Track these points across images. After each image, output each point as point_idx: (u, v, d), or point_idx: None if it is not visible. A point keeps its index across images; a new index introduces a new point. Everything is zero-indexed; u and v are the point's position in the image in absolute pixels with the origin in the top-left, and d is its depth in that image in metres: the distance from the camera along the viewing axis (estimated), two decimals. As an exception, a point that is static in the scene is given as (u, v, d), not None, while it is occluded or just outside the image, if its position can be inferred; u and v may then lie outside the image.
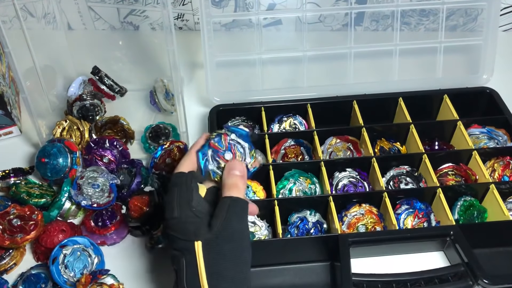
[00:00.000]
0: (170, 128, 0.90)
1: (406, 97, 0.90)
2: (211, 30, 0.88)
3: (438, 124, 0.89)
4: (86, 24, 1.12)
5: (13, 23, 0.81)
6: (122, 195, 0.80)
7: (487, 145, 0.85)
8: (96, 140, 0.84)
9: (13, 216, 0.75)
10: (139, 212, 0.75)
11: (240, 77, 0.97)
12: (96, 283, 0.69)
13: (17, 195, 0.79)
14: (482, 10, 0.97)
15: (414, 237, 0.72)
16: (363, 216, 0.76)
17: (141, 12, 1.11)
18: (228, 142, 0.65)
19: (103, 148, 0.83)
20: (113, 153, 0.84)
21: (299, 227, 0.76)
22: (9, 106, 0.91)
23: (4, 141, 0.94)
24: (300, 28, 1.01)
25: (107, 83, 0.97)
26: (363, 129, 0.85)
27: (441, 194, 0.76)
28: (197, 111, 0.97)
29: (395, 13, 0.92)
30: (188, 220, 0.58)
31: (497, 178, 0.81)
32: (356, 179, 0.81)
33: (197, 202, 0.59)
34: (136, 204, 0.76)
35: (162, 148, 0.84)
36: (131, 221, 0.76)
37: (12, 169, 0.85)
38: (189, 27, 1.15)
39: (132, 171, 0.81)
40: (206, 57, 0.90)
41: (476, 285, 0.67)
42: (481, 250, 0.72)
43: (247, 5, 1.07)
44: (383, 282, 0.69)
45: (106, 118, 0.91)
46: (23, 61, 0.80)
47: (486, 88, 0.92)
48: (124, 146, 0.86)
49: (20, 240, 0.73)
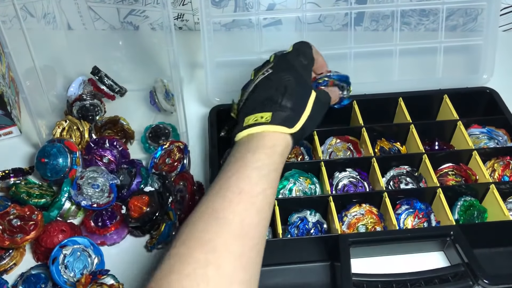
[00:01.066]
0: (170, 128, 0.90)
1: (406, 97, 0.90)
2: (211, 30, 0.88)
3: (438, 124, 0.89)
4: (86, 24, 1.12)
5: (13, 23, 0.81)
6: (122, 195, 0.79)
7: (487, 145, 0.85)
8: (96, 140, 0.84)
9: (13, 216, 0.75)
10: (139, 212, 0.75)
11: (240, 78, 0.97)
12: (96, 283, 0.69)
13: (17, 195, 0.79)
14: (482, 10, 0.96)
15: (414, 237, 0.72)
16: (363, 216, 0.76)
17: (141, 12, 1.11)
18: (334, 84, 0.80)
19: (103, 148, 0.83)
20: (113, 153, 0.84)
21: (299, 227, 0.76)
22: (9, 106, 0.91)
23: (4, 141, 0.94)
24: (300, 28, 1.01)
25: (107, 83, 0.97)
26: (363, 129, 0.85)
27: (441, 194, 0.76)
28: (197, 111, 0.97)
29: (395, 13, 0.92)
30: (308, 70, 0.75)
31: (497, 178, 0.81)
32: (356, 179, 0.81)
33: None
34: (136, 204, 0.76)
35: (162, 148, 0.84)
36: (131, 221, 0.76)
37: (12, 169, 0.85)
38: (189, 27, 1.15)
39: (132, 171, 0.81)
40: (206, 57, 0.90)
41: (476, 285, 0.67)
42: (481, 250, 0.72)
43: (247, 5, 1.07)
44: (383, 282, 0.69)
45: (106, 118, 0.91)
46: (23, 61, 0.80)
47: (486, 88, 0.92)
48: (124, 146, 0.85)
49: (20, 241, 0.73)
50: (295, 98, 0.66)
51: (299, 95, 0.67)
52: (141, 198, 0.76)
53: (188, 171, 0.84)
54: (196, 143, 0.92)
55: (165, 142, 0.85)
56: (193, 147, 0.90)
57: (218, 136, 0.86)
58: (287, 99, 0.66)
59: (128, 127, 0.90)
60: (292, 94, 0.67)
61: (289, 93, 0.67)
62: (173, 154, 0.84)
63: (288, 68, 0.71)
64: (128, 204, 0.76)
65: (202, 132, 0.94)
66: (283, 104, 0.65)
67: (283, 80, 0.68)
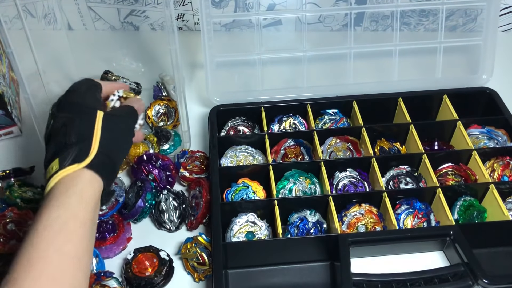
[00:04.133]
0: (173, 133, 0.90)
1: (406, 97, 0.90)
2: (211, 30, 0.88)
3: (438, 124, 0.89)
4: (87, 24, 1.13)
5: (13, 23, 0.81)
6: (123, 213, 0.78)
7: (486, 145, 0.86)
8: (150, 155, 0.84)
9: (9, 220, 0.73)
10: (140, 270, 0.72)
11: (240, 77, 0.97)
12: (99, 285, 0.68)
13: (11, 200, 0.78)
14: (481, 10, 0.96)
15: (414, 237, 0.73)
16: (363, 216, 0.77)
17: (141, 13, 1.11)
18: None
19: (153, 166, 0.83)
20: (161, 174, 0.83)
21: (299, 227, 0.76)
22: (9, 106, 0.91)
23: (4, 141, 0.94)
24: (300, 28, 1.01)
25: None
26: (363, 129, 0.85)
27: (440, 194, 0.77)
28: (197, 111, 0.97)
29: (395, 14, 0.92)
30: (88, 95, 0.65)
31: (496, 178, 0.81)
32: (356, 179, 0.82)
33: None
34: (143, 260, 0.73)
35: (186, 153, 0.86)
36: (128, 272, 0.72)
37: (12, 169, 0.85)
38: (189, 27, 1.15)
39: (140, 193, 0.79)
40: (206, 57, 0.90)
41: (476, 285, 0.67)
42: (481, 250, 0.72)
43: (247, 5, 1.07)
44: (383, 282, 0.69)
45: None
46: (24, 61, 0.80)
47: (486, 88, 0.92)
48: (173, 173, 0.84)
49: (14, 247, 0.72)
50: (78, 129, 0.60)
51: (81, 125, 0.61)
52: (151, 259, 0.73)
53: (204, 178, 0.83)
54: (196, 143, 0.92)
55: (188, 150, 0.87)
56: (194, 146, 0.91)
57: (218, 135, 0.86)
58: (70, 135, 0.60)
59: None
60: (73, 127, 0.60)
61: (69, 128, 0.60)
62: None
63: (65, 107, 0.64)
64: (137, 255, 0.73)
65: (202, 132, 0.94)
66: (68, 142, 0.59)
67: (62, 120, 0.62)
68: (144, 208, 0.78)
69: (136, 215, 0.78)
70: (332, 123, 0.90)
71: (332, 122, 0.90)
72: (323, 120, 0.90)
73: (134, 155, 0.85)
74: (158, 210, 0.79)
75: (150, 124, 0.92)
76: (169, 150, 0.89)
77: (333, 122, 0.90)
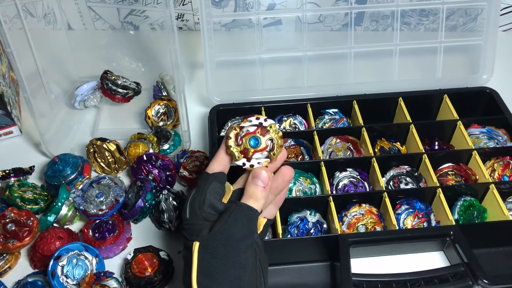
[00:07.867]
0: (173, 133, 0.90)
1: (406, 97, 0.90)
2: (211, 30, 0.88)
3: (438, 124, 0.89)
4: (86, 24, 1.13)
5: (13, 23, 0.81)
6: (123, 213, 0.78)
7: (487, 145, 0.86)
8: (150, 155, 0.84)
9: (9, 220, 0.73)
10: (140, 270, 0.72)
11: (240, 77, 0.97)
12: (99, 285, 0.68)
13: (11, 200, 0.78)
14: (482, 10, 0.97)
15: (414, 237, 0.72)
16: (363, 216, 0.77)
17: (141, 12, 1.11)
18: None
19: (153, 166, 0.83)
20: (161, 174, 0.83)
21: (299, 227, 0.76)
22: (9, 106, 0.91)
23: (4, 141, 0.94)
24: (300, 28, 1.01)
25: (121, 84, 0.95)
26: (363, 129, 0.85)
27: (441, 194, 0.76)
28: (197, 111, 0.97)
29: (395, 13, 0.92)
30: (196, 222, 0.59)
31: (497, 178, 0.81)
32: (356, 179, 0.82)
33: (211, 205, 0.59)
34: (143, 260, 0.72)
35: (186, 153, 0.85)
36: (128, 272, 0.72)
37: (12, 169, 0.85)
38: (189, 27, 1.15)
39: (140, 193, 0.79)
40: (206, 57, 0.90)
41: (476, 285, 0.67)
42: (481, 250, 0.72)
43: (247, 5, 1.07)
44: (383, 282, 0.69)
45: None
46: (24, 61, 0.80)
47: (486, 88, 0.92)
48: (173, 173, 0.84)
49: (12, 247, 0.72)
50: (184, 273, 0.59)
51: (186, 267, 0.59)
52: (151, 259, 0.73)
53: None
54: (196, 143, 0.92)
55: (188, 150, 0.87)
56: (193, 146, 0.91)
57: (218, 135, 0.86)
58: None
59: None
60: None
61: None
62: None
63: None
64: (137, 255, 0.73)
65: (202, 132, 0.94)
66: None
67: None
68: (144, 208, 0.78)
69: (136, 215, 0.78)
70: (332, 123, 0.90)
71: (332, 122, 0.90)
72: (323, 120, 0.90)
73: (134, 155, 0.85)
74: (158, 210, 0.79)
75: (150, 124, 0.92)
76: (169, 150, 0.89)
77: (333, 122, 0.90)
